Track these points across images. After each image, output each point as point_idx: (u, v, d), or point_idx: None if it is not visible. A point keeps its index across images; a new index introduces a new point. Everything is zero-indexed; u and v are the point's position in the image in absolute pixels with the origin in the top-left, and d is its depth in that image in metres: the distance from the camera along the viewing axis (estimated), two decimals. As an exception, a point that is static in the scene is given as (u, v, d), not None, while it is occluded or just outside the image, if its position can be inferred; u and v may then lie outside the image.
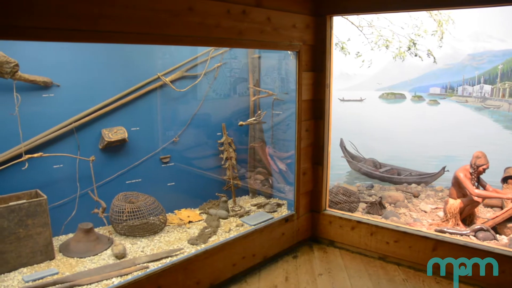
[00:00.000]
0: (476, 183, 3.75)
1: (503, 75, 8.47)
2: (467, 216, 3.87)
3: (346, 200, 4.10)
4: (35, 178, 3.08)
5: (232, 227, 3.44)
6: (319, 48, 3.44)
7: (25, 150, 2.95)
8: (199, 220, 3.61)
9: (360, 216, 3.68)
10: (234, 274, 3.05)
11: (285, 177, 4.36)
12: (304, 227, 3.68)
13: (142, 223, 3.28)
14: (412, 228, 3.33)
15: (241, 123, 3.97)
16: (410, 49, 4.85)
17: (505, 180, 4.29)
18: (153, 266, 2.72)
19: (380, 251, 3.40)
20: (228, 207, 3.78)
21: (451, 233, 3.42)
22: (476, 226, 3.55)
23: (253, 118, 4.09)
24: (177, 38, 2.42)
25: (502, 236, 3.54)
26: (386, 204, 4.46)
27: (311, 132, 3.55)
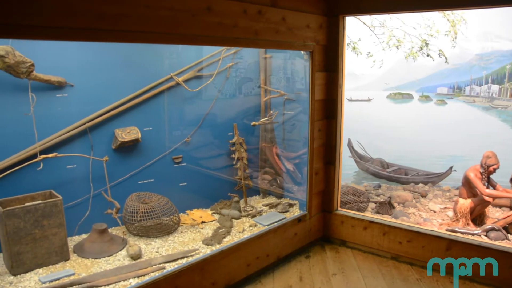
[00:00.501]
0: (486, 183, 3.75)
1: (511, 75, 8.46)
2: (477, 216, 3.87)
3: (356, 200, 4.10)
4: (48, 178, 3.07)
5: (246, 227, 3.44)
6: (332, 48, 3.44)
7: (39, 150, 2.94)
8: (212, 221, 3.61)
9: (372, 216, 3.68)
10: (248, 274, 3.05)
11: (292, 177, 4.35)
12: (316, 227, 3.68)
13: (156, 223, 3.27)
14: (425, 228, 3.33)
15: (254, 123, 3.97)
16: (422, 49, 4.86)
17: (514, 180, 4.28)
18: (169, 267, 2.71)
19: (392, 251, 3.40)
20: (240, 207, 3.77)
21: (463, 232, 3.42)
22: (487, 226, 3.55)
23: (265, 118, 4.09)
24: (196, 37, 2.42)
25: (514, 236, 3.55)
26: (395, 204, 4.46)
27: (323, 132, 3.55)
